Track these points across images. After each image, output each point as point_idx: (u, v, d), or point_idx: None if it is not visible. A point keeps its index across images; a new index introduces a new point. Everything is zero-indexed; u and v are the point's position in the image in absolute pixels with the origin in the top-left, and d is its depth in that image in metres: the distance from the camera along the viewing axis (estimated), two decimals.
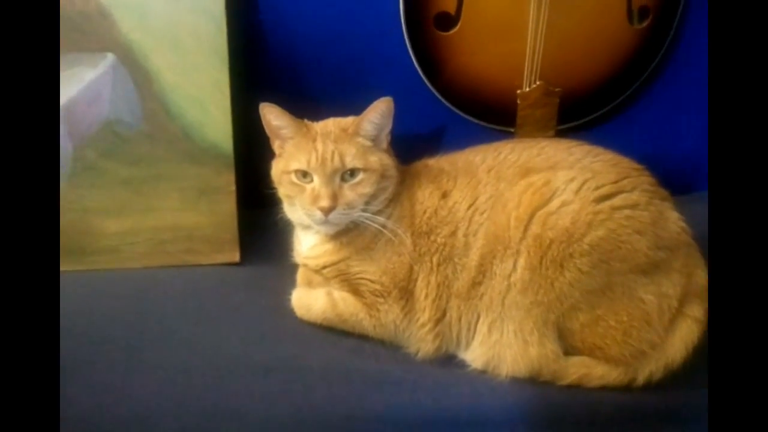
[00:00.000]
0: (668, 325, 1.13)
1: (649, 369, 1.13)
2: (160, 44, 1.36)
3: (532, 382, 1.14)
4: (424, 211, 1.22)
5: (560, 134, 1.55)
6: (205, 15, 1.35)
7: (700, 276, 1.15)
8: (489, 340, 1.16)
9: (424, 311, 1.19)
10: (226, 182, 1.40)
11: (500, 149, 1.26)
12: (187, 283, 1.38)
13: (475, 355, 1.18)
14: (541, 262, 1.10)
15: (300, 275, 1.33)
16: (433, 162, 1.31)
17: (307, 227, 1.27)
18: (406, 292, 1.20)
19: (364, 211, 1.20)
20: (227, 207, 1.41)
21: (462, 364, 1.19)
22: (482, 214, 1.19)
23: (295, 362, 1.17)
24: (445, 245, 1.19)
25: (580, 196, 1.12)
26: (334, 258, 1.24)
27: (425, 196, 1.23)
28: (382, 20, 1.48)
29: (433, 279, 1.19)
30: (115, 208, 1.40)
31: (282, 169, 1.23)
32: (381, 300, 1.20)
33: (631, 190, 1.14)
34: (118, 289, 1.35)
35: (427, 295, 1.19)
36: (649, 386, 1.13)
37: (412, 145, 1.36)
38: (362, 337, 1.23)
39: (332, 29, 1.51)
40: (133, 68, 1.37)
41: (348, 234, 1.23)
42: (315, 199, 1.18)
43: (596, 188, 1.13)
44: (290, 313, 1.27)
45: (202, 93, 1.38)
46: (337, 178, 1.19)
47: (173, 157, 1.39)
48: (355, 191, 1.19)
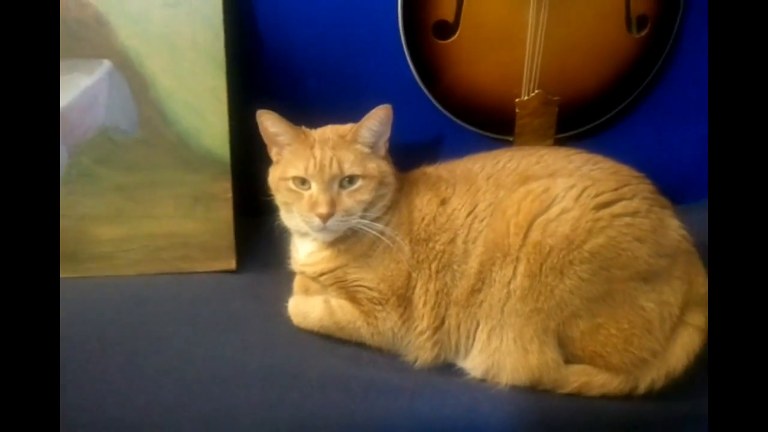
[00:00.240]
0: (669, 333, 1.12)
1: (651, 377, 1.12)
2: (157, 51, 1.36)
3: (532, 391, 1.13)
4: (423, 218, 1.21)
5: (559, 143, 1.54)
6: (203, 22, 1.35)
7: (701, 284, 1.14)
8: (488, 348, 1.15)
9: (423, 319, 1.18)
10: (223, 189, 1.39)
11: (499, 157, 1.26)
12: (183, 291, 1.37)
13: (474, 364, 1.17)
14: (540, 270, 1.10)
15: (297, 283, 1.32)
16: (431, 170, 1.30)
17: (305, 234, 1.26)
18: (404, 300, 1.19)
19: (363, 218, 1.19)
20: (224, 214, 1.40)
21: (461, 373, 1.18)
22: (482, 221, 1.18)
23: (292, 370, 1.16)
24: (444, 252, 1.18)
25: (580, 203, 1.12)
26: (332, 265, 1.23)
27: (423, 203, 1.23)
28: (380, 28, 1.48)
29: (431, 286, 1.18)
30: (110, 214, 1.38)
31: (279, 176, 1.22)
32: (379, 307, 1.19)
33: (632, 198, 1.14)
34: (112, 297, 1.34)
35: (425, 303, 1.18)
36: (651, 395, 1.12)
37: (410, 153, 1.36)
38: (360, 345, 1.22)
39: (330, 37, 1.50)
40: (130, 75, 1.36)
41: (346, 241, 1.22)
42: (313, 206, 1.17)
43: (596, 195, 1.12)
44: (287, 320, 1.26)
45: (199, 100, 1.37)
46: (335, 185, 1.18)
47: (169, 164, 1.38)
48: (354, 198, 1.18)
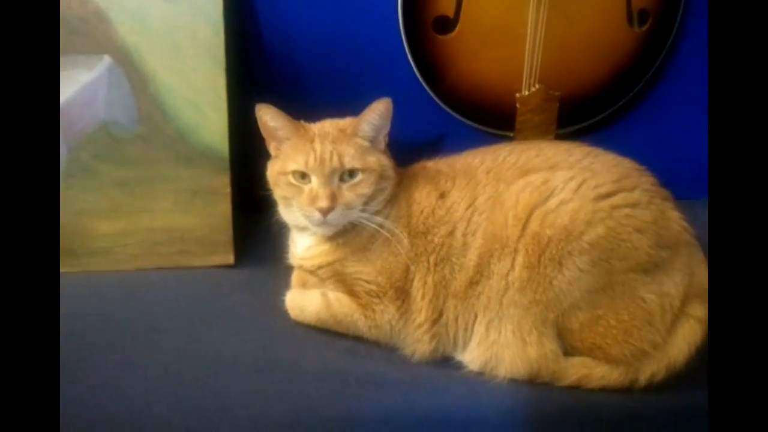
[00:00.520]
0: (670, 324, 1.11)
1: (651, 370, 1.10)
2: (157, 46, 1.36)
3: (531, 384, 1.12)
4: (421, 211, 1.20)
5: (560, 139, 1.54)
6: (203, 17, 1.36)
7: (703, 275, 1.13)
8: (487, 341, 1.14)
9: (421, 312, 1.17)
10: (222, 184, 1.39)
11: (499, 151, 1.25)
12: (181, 285, 1.37)
13: (472, 357, 1.16)
14: (539, 261, 1.09)
15: (295, 277, 1.32)
16: (431, 164, 1.30)
17: (303, 229, 1.26)
18: (403, 293, 1.18)
19: (363, 211, 1.18)
20: (222, 209, 1.40)
21: (459, 366, 1.17)
22: (481, 214, 1.17)
23: (289, 363, 1.16)
24: (443, 245, 1.18)
25: (580, 194, 1.11)
26: (330, 258, 1.22)
27: (422, 197, 1.22)
28: (380, 24, 1.48)
29: (429, 279, 1.17)
30: (108, 209, 1.39)
31: (279, 171, 1.22)
32: (376, 300, 1.19)
33: (632, 190, 1.13)
34: (110, 292, 1.34)
35: (423, 296, 1.17)
36: (651, 387, 1.11)
37: (410, 148, 1.36)
38: (357, 339, 1.21)
39: (330, 32, 1.51)
40: (130, 70, 1.37)
41: (345, 235, 1.22)
42: (313, 200, 1.16)
43: (596, 187, 1.12)
44: (284, 314, 1.26)
45: (199, 95, 1.37)
46: (336, 179, 1.18)
47: (168, 159, 1.38)
48: (354, 192, 1.18)
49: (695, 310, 1.12)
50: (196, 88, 1.37)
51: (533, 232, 1.10)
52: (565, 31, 1.46)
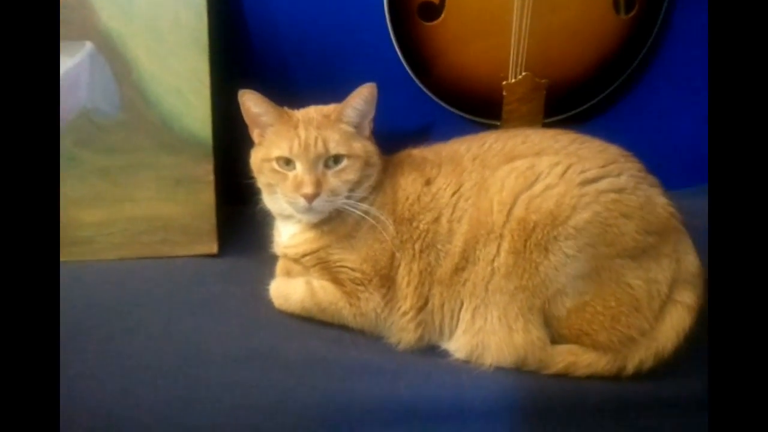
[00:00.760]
0: (658, 311, 1.10)
1: (639, 357, 1.09)
2: (140, 32, 1.34)
3: (518, 371, 1.11)
4: (407, 198, 1.19)
5: (547, 127, 1.52)
6: (186, 3, 1.34)
7: (691, 262, 1.12)
8: (473, 328, 1.13)
9: (406, 299, 1.16)
10: (205, 172, 1.38)
11: (485, 138, 1.24)
12: (164, 275, 1.35)
13: (458, 345, 1.15)
14: (525, 246, 1.08)
15: (279, 266, 1.30)
16: (416, 152, 1.29)
17: (288, 217, 1.24)
18: (388, 280, 1.17)
19: (348, 198, 1.17)
20: (205, 197, 1.38)
21: (445, 354, 1.16)
22: (467, 200, 1.16)
23: (273, 352, 1.14)
24: (428, 231, 1.16)
25: (565, 179, 1.10)
26: (315, 246, 1.21)
27: (408, 183, 1.21)
28: (365, 10, 1.47)
29: (415, 266, 1.16)
30: (90, 198, 1.37)
31: (262, 157, 1.20)
32: (361, 288, 1.17)
33: (618, 175, 1.12)
34: (92, 281, 1.32)
35: (409, 283, 1.16)
36: (640, 375, 1.09)
37: (396, 137, 1.34)
38: (342, 328, 1.20)
39: (315, 18, 1.50)
40: (112, 56, 1.35)
41: (330, 222, 1.20)
42: (298, 186, 1.15)
43: (582, 172, 1.11)
44: (268, 304, 1.24)
45: (181, 82, 1.36)
46: (321, 165, 1.16)
47: (151, 146, 1.36)
48: (340, 178, 1.16)
49: (683, 297, 1.11)
50: (179, 74, 1.35)
51: (519, 218, 1.09)
52: (552, 18, 1.46)
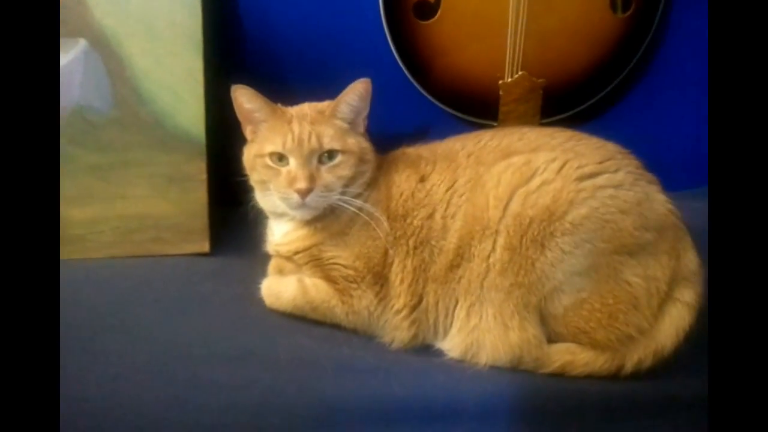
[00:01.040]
0: (657, 309, 1.08)
1: (638, 355, 1.07)
2: (134, 30, 1.34)
3: (513, 371, 1.08)
4: (401, 194, 1.18)
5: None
6: (180, 1, 1.34)
7: (690, 259, 1.10)
8: (467, 326, 1.11)
9: (400, 297, 1.14)
10: (198, 170, 1.37)
11: (481, 136, 1.24)
12: (155, 274, 1.34)
13: (453, 344, 1.13)
14: (521, 242, 1.06)
15: (271, 265, 1.29)
16: (411, 150, 1.28)
17: (281, 215, 1.23)
18: (381, 278, 1.15)
19: (342, 194, 1.15)
20: (198, 195, 1.38)
21: (439, 353, 1.14)
22: (461, 196, 1.15)
23: (264, 351, 1.12)
24: (422, 228, 1.15)
25: (562, 174, 1.09)
26: (307, 243, 1.19)
27: (402, 180, 1.20)
28: (360, 10, 1.47)
29: (409, 263, 1.14)
30: (82, 196, 1.36)
31: (255, 153, 1.19)
32: (354, 285, 1.15)
33: (615, 171, 1.10)
34: (83, 280, 1.30)
35: (402, 280, 1.14)
36: (639, 374, 1.07)
37: (391, 136, 1.33)
38: (334, 327, 1.18)
39: (309, 17, 1.50)
40: (106, 54, 1.34)
41: (323, 219, 1.19)
42: (291, 182, 1.13)
43: (579, 167, 1.09)
44: (260, 302, 1.23)
45: (175, 80, 1.35)
46: (314, 160, 1.15)
47: (144, 144, 1.36)
48: (333, 174, 1.15)
49: (683, 295, 1.09)
50: (173, 72, 1.35)
51: (515, 213, 1.07)
52: (548, 17, 1.45)
